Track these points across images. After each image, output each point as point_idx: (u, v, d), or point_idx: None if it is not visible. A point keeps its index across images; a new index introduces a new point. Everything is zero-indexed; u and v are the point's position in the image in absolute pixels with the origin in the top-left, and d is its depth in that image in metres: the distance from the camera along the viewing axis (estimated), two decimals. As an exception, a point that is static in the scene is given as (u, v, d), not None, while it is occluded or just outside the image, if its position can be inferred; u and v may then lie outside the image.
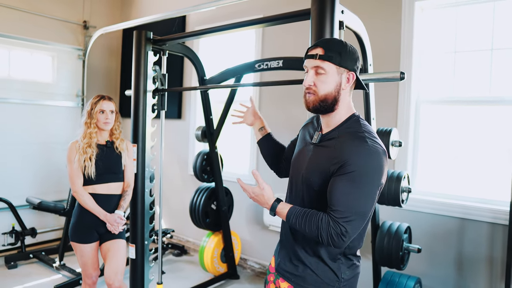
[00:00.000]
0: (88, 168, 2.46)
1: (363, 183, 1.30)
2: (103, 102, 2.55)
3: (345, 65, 1.39)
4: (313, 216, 1.35)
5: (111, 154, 2.59)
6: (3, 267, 3.95)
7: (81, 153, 2.46)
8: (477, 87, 2.91)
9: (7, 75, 4.38)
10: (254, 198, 1.51)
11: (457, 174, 3.00)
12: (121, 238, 2.58)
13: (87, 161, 2.46)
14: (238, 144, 4.35)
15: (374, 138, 1.37)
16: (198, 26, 4.49)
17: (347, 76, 1.41)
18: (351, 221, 1.30)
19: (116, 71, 5.54)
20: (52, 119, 4.74)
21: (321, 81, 1.39)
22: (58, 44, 4.75)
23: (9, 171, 4.37)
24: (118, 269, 2.47)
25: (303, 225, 1.36)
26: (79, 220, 2.51)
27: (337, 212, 1.30)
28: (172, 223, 4.88)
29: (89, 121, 2.54)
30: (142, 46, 2.75)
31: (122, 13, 5.49)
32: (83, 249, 2.50)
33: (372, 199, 1.33)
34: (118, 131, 2.65)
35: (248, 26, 2.35)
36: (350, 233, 1.30)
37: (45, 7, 4.65)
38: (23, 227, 4.07)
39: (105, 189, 2.53)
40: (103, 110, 2.54)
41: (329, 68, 1.38)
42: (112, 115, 2.58)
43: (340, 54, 1.38)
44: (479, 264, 2.78)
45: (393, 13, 3.12)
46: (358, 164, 1.29)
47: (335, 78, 1.39)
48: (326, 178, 1.38)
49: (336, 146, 1.38)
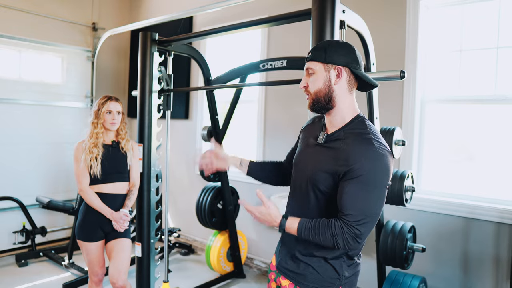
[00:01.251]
0: (94, 168, 2.50)
1: (373, 186, 1.32)
2: (110, 102, 2.60)
3: (331, 61, 1.40)
4: (325, 224, 1.36)
5: (117, 154, 2.63)
6: (14, 265, 4.03)
7: (87, 153, 2.51)
8: (483, 85, 2.89)
9: (17, 76, 4.47)
10: (260, 218, 1.47)
11: (463, 173, 2.99)
12: (126, 237, 2.62)
13: (93, 160, 2.51)
14: (244, 143, 4.37)
15: (380, 140, 1.38)
16: (205, 27, 4.52)
17: (336, 71, 1.41)
18: (364, 223, 1.33)
19: (124, 72, 5.60)
20: (61, 120, 4.82)
21: (311, 81, 1.44)
22: (67, 46, 4.83)
23: (19, 170, 4.46)
24: (121, 268, 2.49)
25: (316, 236, 1.37)
26: (85, 219, 2.55)
27: (350, 216, 1.32)
28: (179, 222, 4.93)
29: (96, 121, 2.58)
30: (147, 47, 2.79)
31: (130, 15, 5.55)
32: (89, 247, 2.54)
33: (381, 200, 1.36)
34: (124, 132, 2.69)
35: (250, 26, 2.37)
36: (364, 235, 1.34)
37: (54, 9, 4.73)
38: (33, 226, 4.15)
39: (111, 188, 2.58)
40: (110, 110, 2.58)
41: (316, 67, 1.42)
42: (118, 116, 2.62)
43: (325, 51, 1.40)
44: (485, 264, 2.76)
45: (397, 12, 3.11)
46: (366, 168, 1.31)
47: (323, 75, 1.41)
48: (333, 178, 1.39)
49: (342, 147, 1.39)
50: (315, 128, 1.58)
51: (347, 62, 1.41)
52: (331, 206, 1.43)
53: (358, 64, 1.43)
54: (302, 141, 1.62)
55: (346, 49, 1.42)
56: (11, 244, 4.19)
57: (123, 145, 2.66)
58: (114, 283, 2.46)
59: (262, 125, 4.04)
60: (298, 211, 1.51)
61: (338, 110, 1.44)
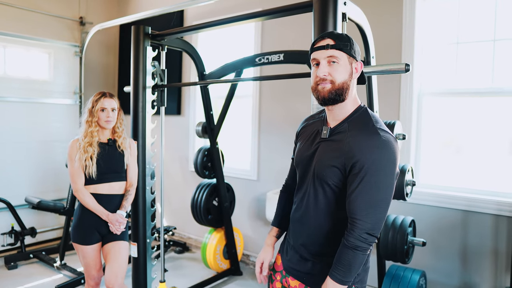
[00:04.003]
0: (89, 168, 2.39)
1: (383, 175, 1.32)
2: (104, 99, 2.46)
3: (354, 55, 1.42)
4: (345, 252, 1.34)
5: (113, 152, 2.51)
6: (3, 267, 3.92)
7: (82, 152, 2.39)
8: (480, 78, 2.88)
9: (3, 73, 4.33)
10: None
11: (461, 166, 2.98)
12: (123, 240, 2.52)
13: (87, 160, 2.39)
14: (239, 139, 4.32)
15: (384, 128, 1.38)
16: (196, 21, 4.44)
17: (355, 66, 1.43)
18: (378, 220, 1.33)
19: (114, 68, 5.48)
20: (49, 117, 4.69)
21: (336, 70, 1.39)
22: (54, 41, 4.69)
23: (7, 170, 4.33)
24: (118, 272, 2.41)
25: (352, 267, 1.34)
26: (81, 221, 2.45)
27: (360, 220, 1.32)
28: (173, 220, 4.86)
29: (90, 119, 2.45)
30: (140, 41, 2.71)
31: (119, 9, 5.43)
32: (85, 251, 2.45)
33: (391, 187, 1.35)
34: (121, 129, 2.56)
35: (249, 19, 2.31)
36: (380, 226, 1.35)
37: (40, 4, 4.58)
38: (22, 227, 4.03)
39: (107, 189, 2.47)
40: (104, 108, 2.45)
41: (342, 57, 1.39)
42: (113, 113, 2.49)
43: (350, 43, 1.41)
44: (484, 256, 2.77)
45: (394, 3, 3.08)
46: (372, 159, 1.31)
47: (348, 67, 1.41)
48: (340, 172, 1.37)
49: (348, 140, 1.37)
50: (314, 126, 1.55)
51: (359, 57, 1.45)
52: (341, 204, 1.40)
53: None
54: (302, 141, 1.57)
55: (358, 46, 1.46)
56: (0, 246, 4.07)
57: (120, 143, 2.54)
58: (111, 287, 2.39)
59: (257, 120, 3.98)
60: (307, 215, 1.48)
61: (345, 103, 1.43)
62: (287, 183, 1.74)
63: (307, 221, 1.48)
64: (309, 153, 1.49)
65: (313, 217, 1.46)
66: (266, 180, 3.93)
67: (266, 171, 3.94)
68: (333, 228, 1.44)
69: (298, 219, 1.53)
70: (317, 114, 1.60)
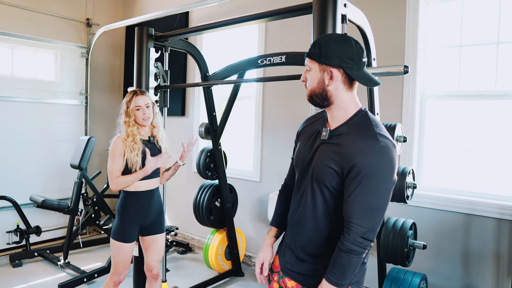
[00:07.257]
0: (136, 165, 2.42)
1: (378, 181, 1.32)
2: (136, 98, 2.46)
3: (325, 61, 1.36)
4: (340, 255, 1.35)
5: (154, 149, 2.54)
6: (8, 265, 3.97)
7: (130, 151, 2.41)
8: (483, 81, 2.86)
9: (10, 73, 4.39)
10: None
11: (463, 169, 2.97)
12: (163, 232, 2.64)
13: (135, 157, 2.42)
14: (242, 140, 4.33)
15: (383, 133, 1.37)
16: (201, 23, 4.46)
17: (329, 74, 1.37)
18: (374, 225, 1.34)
19: (119, 69, 5.53)
20: (56, 117, 4.75)
21: (309, 77, 1.43)
22: (61, 42, 4.75)
23: (13, 169, 4.38)
24: (158, 258, 2.62)
25: (347, 270, 1.35)
26: (124, 219, 2.48)
27: (355, 224, 1.33)
28: (176, 220, 4.88)
29: (127, 119, 2.46)
30: (143, 42, 2.74)
31: (125, 11, 5.48)
32: (123, 248, 2.48)
33: (388, 194, 1.35)
34: (159, 123, 2.60)
35: (250, 21, 2.34)
36: (375, 231, 1.35)
37: (47, 5, 4.65)
38: (27, 226, 4.08)
39: (146, 185, 2.51)
40: (139, 106, 2.45)
41: (312, 65, 1.40)
42: (148, 109, 2.49)
43: (320, 49, 1.36)
44: (486, 260, 2.74)
45: (397, 6, 3.08)
46: (370, 164, 1.31)
47: (317, 75, 1.39)
48: (338, 175, 1.37)
49: (346, 143, 1.36)
50: (314, 126, 1.54)
51: (341, 63, 1.35)
52: (338, 205, 1.40)
53: (355, 62, 1.35)
54: (302, 141, 1.57)
55: (344, 45, 1.35)
56: (5, 244, 4.11)
57: (158, 139, 2.58)
58: (151, 270, 2.59)
59: (260, 122, 3.99)
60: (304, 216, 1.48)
61: (337, 107, 1.42)
62: (286, 183, 1.74)
63: (304, 222, 1.48)
64: (308, 154, 1.49)
65: (310, 218, 1.46)
66: (269, 182, 3.94)
67: (269, 172, 3.95)
68: (330, 229, 1.44)
69: (295, 220, 1.53)
70: (319, 114, 1.59)
